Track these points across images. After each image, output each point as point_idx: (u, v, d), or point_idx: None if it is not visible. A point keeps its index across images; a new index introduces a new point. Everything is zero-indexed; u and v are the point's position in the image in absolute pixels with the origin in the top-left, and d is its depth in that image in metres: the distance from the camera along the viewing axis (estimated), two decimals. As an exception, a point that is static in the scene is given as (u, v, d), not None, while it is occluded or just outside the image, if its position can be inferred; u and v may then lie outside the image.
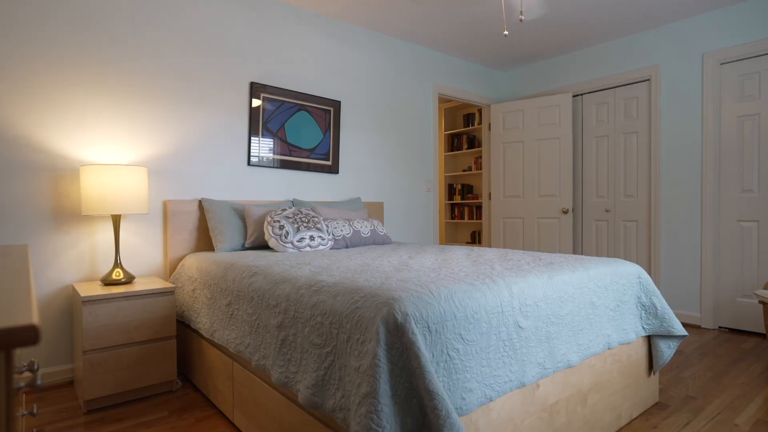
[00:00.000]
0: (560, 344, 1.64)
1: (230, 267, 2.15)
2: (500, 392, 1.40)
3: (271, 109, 3.21)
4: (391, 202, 4.04)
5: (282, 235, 2.60)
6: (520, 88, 4.92)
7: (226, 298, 2.05)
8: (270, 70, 3.23)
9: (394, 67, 4.02)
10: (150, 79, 2.71)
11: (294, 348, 1.52)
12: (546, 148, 4.47)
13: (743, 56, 3.39)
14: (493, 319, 1.42)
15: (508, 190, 4.73)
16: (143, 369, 2.26)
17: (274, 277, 1.80)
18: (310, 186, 3.47)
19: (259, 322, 1.75)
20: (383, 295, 1.30)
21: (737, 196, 3.47)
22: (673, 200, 3.78)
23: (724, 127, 3.53)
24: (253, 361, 1.73)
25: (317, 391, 1.36)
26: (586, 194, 4.39)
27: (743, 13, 3.39)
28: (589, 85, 4.31)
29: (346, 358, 1.29)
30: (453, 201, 6.11)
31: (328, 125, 3.54)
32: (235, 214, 2.85)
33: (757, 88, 3.36)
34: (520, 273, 1.69)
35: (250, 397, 1.83)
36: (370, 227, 3.13)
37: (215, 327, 2.09)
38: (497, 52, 4.41)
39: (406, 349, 1.18)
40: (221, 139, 3.01)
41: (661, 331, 2.08)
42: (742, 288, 3.44)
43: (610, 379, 1.91)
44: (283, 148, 3.28)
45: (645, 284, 2.10)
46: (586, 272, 1.86)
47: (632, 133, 4.06)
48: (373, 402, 1.12)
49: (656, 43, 3.86)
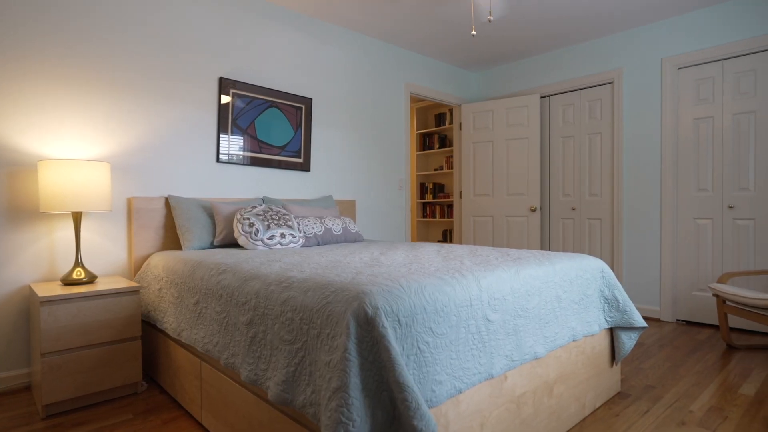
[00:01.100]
0: (527, 337, 1.68)
1: (198, 265, 2.10)
2: (469, 384, 1.42)
3: (240, 106, 3.15)
4: (363, 201, 4.04)
5: (252, 232, 2.57)
6: (490, 88, 5.01)
7: (193, 296, 2.01)
8: (240, 65, 3.18)
9: (367, 66, 4.03)
10: (116, 71, 2.62)
11: (264, 345, 1.51)
12: (515, 148, 4.56)
13: (699, 61, 3.56)
14: (463, 313, 1.44)
15: (478, 189, 4.81)
16: (106, 371, 2.18)
17: (244, 274, 1.78)
18: (281, 184, 3.44)
19: (228, 320, 1.72)
20: (354, 290, 1.31)
21: (693, 195, 3.64)
22: (634, 199, 3.93)
23: (681, 129, 3.70)
24: (222, 359, 1.70)
25: (287, 388, 1.35)
26: (553, 193, 4.51)
27: (699, 21, 3.56)
28: (556, 87, 4.43)
29: (316, 353, 1.29)
30: (425, 200, 6.16)
31: (300, 122, 3.51)
32: (204, 212, 2.79)
33: (711, 92, 3.54)
34: (488, 267, 1.72)
35: (218, 397, 1.80)
36: (342, 225, 3.13)
37: (182, 326, 2.04)
38: (468, 52, 4.48)
39: (376, 342, 1.19)
40: (189, 135, 2.94)
41: (622, 323, 2.16)
42: (698, 282, 3.62)
43: (575, 370, 1.97)
44: (253, 145, 3.23)
45: (608, 278, 2.17)
46: (552, 267, 1.92)
47: (596, 133, 4.20)
48: (344, 396, 1.12)
49: (619, 47, 4.01)
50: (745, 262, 3.39)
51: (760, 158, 3.32)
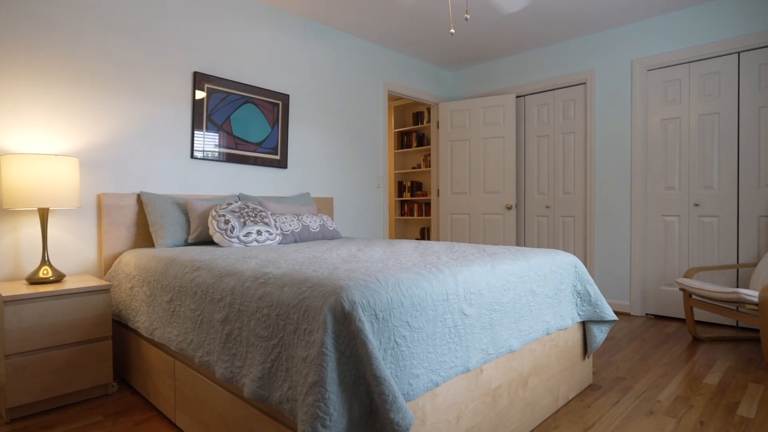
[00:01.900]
0: (503, 330, 1.71)
1: (172, 262, 2.06)
2: (446, 377, 1.44)
3: (216, 101, 3.10)
4: (341, 198, 4.03)
5: (227, 229, 2.53)
6: (467, 87, 5.06)
7: (167, 294, 1.97)
8: (215, 60, 3.12)
9: (345, 63, 4.01)
10: (84, 63, 2.54)
11: (239, 342, 1.49)
12: (491, 147, 4.62)
13: (667, 64, 3.68)
14: (439, 307, 1.46)
15: (455, 187, 4.86)
16: (75, 372, 2.12)
17: (219, 270, 1.75)
18: (258, 181, 3.40)
19: (203, 318, 1.70)
20: (331, 285, 1.30)
21: (661, 193, 3.76)
22: (606, 197, 4.04)
23: (650, 129, 3.82)
24: (196, 357, 1.67)
25: (264, 384, 1.34)
26: (528, 191, 4.59)
27: (668, 24, 3.68)
28: (531, 87, 4.50)
29: (293, 348, 1.28)
30: (403, 198, 6.18)
31: (276, 119, 3.47)
32: (178, 209, 2.73)
33: (679, 93, 3.66)
34: (465, 263, 1.75)
35: (193, 396, 1.77)
36: (320, 222, 3.11)
37: (155, 325, 2.00)
38: (445, 51, 4.51)
39: (353, 336, 1.19)
40: (162, 130, 2.88)
41: (594, 316, 2.22)
42: (666, 277, 3.74)
43: (548, 363, 2.01)
44: (228, 141, 3.18)
45: (580, 273, 2.23)
46: (527, 262, 1.95)
47: (570, 133, 4.29)
48: (321, 390, 1.12)
49: (591, 49, 4.11)
50: (710, 258, 3.52)
51: (723, 158, 3.45)
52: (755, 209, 3.32)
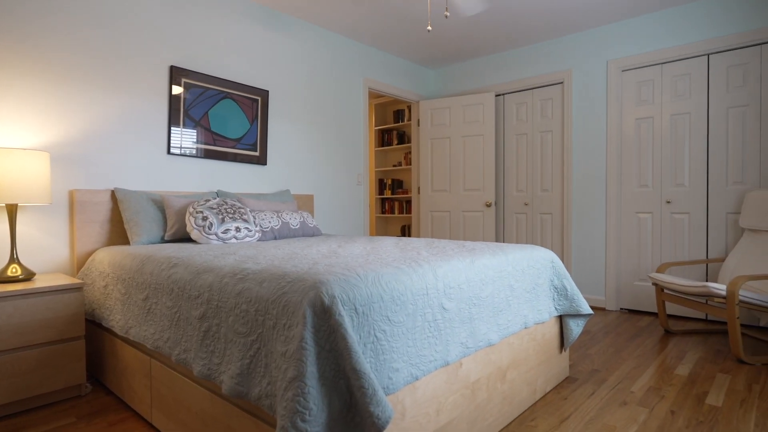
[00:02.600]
0: (481, 324, 1.73)
1: (148, 259, 2.02)
2: (425, 371, 1.45)
3: (193, 96, 3.05)
4: (322, 195, 4.01)
5: (205, 226, 2.49)
6: (448, 85, 5.09)
7: (142, 292, 1.93)
8: (192, 54, 3.07)
9: (325, 59, 3.99)
10: (56, 55, 2.46)
11: (218, 339, 1.47)
12: (471, 145, 4.67)
13: (640, 65, 3.77)
14: (419, 301, 1.47)
15: (435, 185, 4.89)
16: (46, 373, 2.06)
17: (196, 267, 1.72)
18: (237, 177, 3.35)
19: (180, 315, 1.67)
20: (310, 279, 1.30)
21: (635, 191, 3.86)
22: (582, 194, 4.12)
23: (624, 129, 3.91)
24: (173, 356, 1.64)
25: (242, 380, 1.32)
26: (507, 189, 4.65)
27: (641, 26, 3.77)
28: (510, 86, 4.56)
29: (272, 344, 1.27)
30: (383, 196, 6.19)
31: (256, 115, 3.43)
32: (154, 205, 2.68)
33: (652, 93, 3.76)
34: (444, 258, 1.76)
35: (169, 395, 1.74)
36: (300, 219, 3.09)
37: (131, 323, 1.96)
38: (426, 49, 4.53)
39: (333, 331, 1.19)
40: (138, 124, 2.81)
41: (570, 310, 2.26)
42: (639, 272, 3.84)
43: (526, 357, 2.05)
44: (206, 137, 3.13)
45: (557, 268, 2.27)
46: (505, 257, 1.98)
47: (548, 131, 4.36)
48: (300, 385, 1.11)
49: (568, 49, 4.18)
50: (681, 253, 3.63)
51: (693, 156, 3.56)
52: (723, 206, 3.44)
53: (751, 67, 3.32)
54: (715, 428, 1.83)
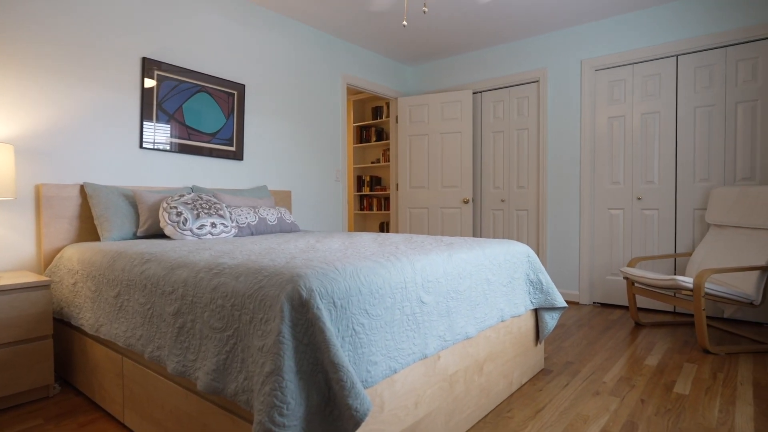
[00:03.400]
0: (459, 318, 1.75)
1: (119, 255, 1.96)
2: (404, 364, 1.46)
3: (166, 89, 2.97)
4: (300, 192, 3.97)
5: (180, 222, 2.44)
6: (426, 83, 5.12)
7: (113, 289, 1.87)
8: (166, 46, 2.99)
9: (303, 54, 3.95)
10: (23, 45, 2.36)
11: (192, 335, 1.44)
12: (449, 142, 4.70)
13: (612, 65, 3.87)
14: (397, 295, 1.47)
15: (414, 182, 4.91)
16: (12, 374, 1.98)
17: (170, 262, 1.68)
18: (212, 173, 3.29)
19: (153, 311, 1.63)
20: (288, 273, 1.29)
21: (607, 188, 3.96)
22: (557, 191, 4.21)
23: (597, 127, 4.01)
24: (146, 353, 1.60)
25: (218, 376, 1.30)
26: (485, 185, 4.71)
27: (614, 27, 3.86)
28: (488, 84, 4.61)
29: (249, 339, 1.26)
30: (362, 192, 6.18)
31: (232, 109, 3.38)
32: (126, 201, 2.60)
33: (623, 93, 3.86)
34: (422, 252, 1.77)
35: (142, 393, 1.70)
36: (277, 215, 3.06)
37: (101, 321, 1.90)
38: (404, 46, 4.53)
39: (311, 324, 1.18)
40: (109, 117, 2.73)
41: (546, 304, 2.31)
42: (612, 267, 3.95)
43: (503, 349, 2.08)
44: (181, 132, 3.06)
45: (533, 262, 2.31)
46: (482, 251, 2.00)
47: (524, 129, 4.43)
48: (278, 379, 1.10)
49: (544, 48, 4.25)
50: (651, 248, 3.74)
51: (663, 154, 3.68)
52: (691, 202, 3.56)
53: (716, 69, 3.45)
54: (682, 415, 1.90)
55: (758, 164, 3.29)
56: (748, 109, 3.33)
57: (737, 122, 3.37)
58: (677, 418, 1.87)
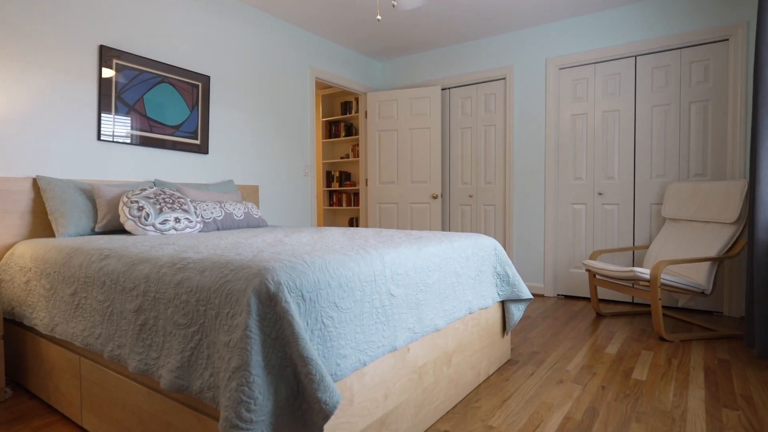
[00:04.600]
0: (428, 310, 1.76)
1: (76, 252, 1.88)
2: (373, 357, 1.46)
3: (126, 79, 2.85)
4: (267, 187, 3.91)
5: (141, 216, 2.35)
6: (395, 78, 5.12)
7: (70, 287, 1.79)
8: (125, 34, 2.87)
9: (271, 46, 3.87)
10: (-40, 28, 2.21)
11: (155, 332, 1.40)
12: (418, 137, 4.73)
13: (575, 63, 3.98)
14: (367, 288, 1.47)
15: (383, 177, 4.91)
16: (-43, 378, 1.87)
17: (131, 258, 1.62)
18: (176, 166, 3.19)
19: (113, 309, 1.57)
20: (255, 267, 1.26)
21: (571, 183, 4.08)
22: (523, 187, 4.30)
23: (561, 124, 4.12)
24: (105, 352, 1.54)
25: (182, 374, 1.27)
26: (453, 181, 4.76)
27: (577, 26, 3.97)
28: (456, 80, 4.66)
29: (215, 334, 1.23)
30: (331, 188, 6.14)
31: (196, 101, 3.28)
32: (83, 195, 2.49)
33: (586, 91, 3.98)
34: (392, 245, 1.77)
35: (102, 394, 1.63)
36: (244, 210, 3.00)
37: (57, 321, 1.81)
38: (374, 41, 4.52)
39: (279, 318, 1.16)
40: (64, 108, 2.60)
41: (512, 296, 2.36)
42: (574, 260, 4.08)
43: (471, 341, 2.11)
44: (142, 124, 2.95)
45: (500, 255, 2.36)
46: (451, 244, 2.03)
47: (491, 125, 4.50)
48: (245, 374, 1.08)
49: (511, 46, 4.33)
50: (611, 241, 3.89)
51: (622, 151, 3.82)
52: (648, 197, 3.72)
53: (672, 69, 3.60)
54: (640, 400, 1.99)
55: (709, 161, 3.47)
56: (700, 108, 3.50)
57: (691, 121, 3.54)
58: (635, 403, 1.96)
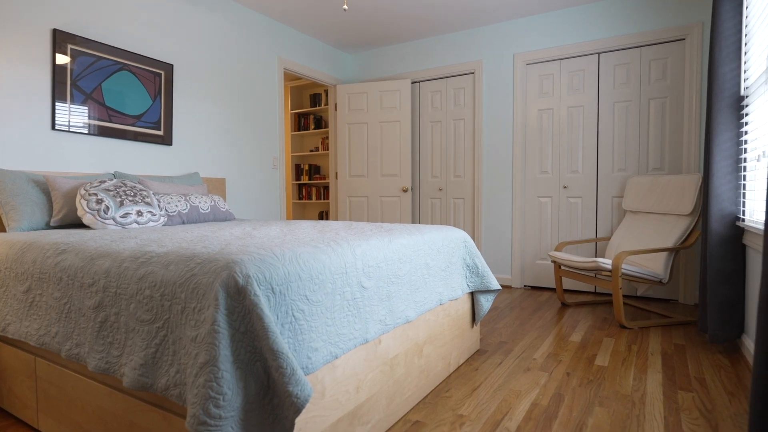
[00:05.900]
0: (399, 302, 1.77)
1: (29, 247, 1.78)
2: (345, 349, 1.45)
3: (82, 66, 2.71)
4: (234, 180, 3.82)
5: (101, 210, 2.25)
6: (365, 71, 5.09)
7: (23, 283, 1.70)
8: (81, 18, 2.72)
9: (237, 35, 3.77)
10: None
11: (117, 329, 1.34)
12: (388, 131, 4.72)
13: (542, 59, 4.06)
14: (338, 280, 1.46)
15: (353, 170, 4.89)
16: None
17: (90, 252, 1.55)
18: (138, 158, 3.07)
19: (71, 306, 1.49)
20: (223, 260, 1.23)
21: (537, 177, 4.18)
22: (491, 180, 4.37)
23: (528, 119, 4.20)
24: (62, 351, 1.47)
25: (147, 371, 1.22)
26: (423, 174, 4.79)
27: (544, 23, 4.05)
28: (426, 74, 4.67)
29: (181, 330, 1.19)
30: (301, 181, 6.06)
31: (159, 90, 3.16)
32: (36, 187, 2.36)
33: (552, 86, 4.07)
34: (363, 237, 1.76)
35: (59, 395, 1.56)
36: (210, 203, 2.92)
37: (9, 320, 1.72)
38: (344, 32, 4.47)
39: (248, 312, 1.14)
40: (13, 96, 2.45)
41: (481, 287, 2.40)
42: (541, 252, 4.18)
43: (441, 332, 2.14)
44: (100, 113, 2.82)
45: (469, 247, 2.39)
46: (422, 236, 2.04)
47: (460, 119, 4.55)
48: (213, 370, 1.05)
49: (480, 40, 4.37)
50: (576, 233, 4.01)
51: (586, 146, 3.93)
52: (610, 191, 3.85)
53: (632, 67, 3.73)
54: (603, 384, 2.06)
55: (667, 156, 3.62)
56: (659, 105, 3.65)
57: (650, 117, 3.68)
58: (598, 388, 2.03)
